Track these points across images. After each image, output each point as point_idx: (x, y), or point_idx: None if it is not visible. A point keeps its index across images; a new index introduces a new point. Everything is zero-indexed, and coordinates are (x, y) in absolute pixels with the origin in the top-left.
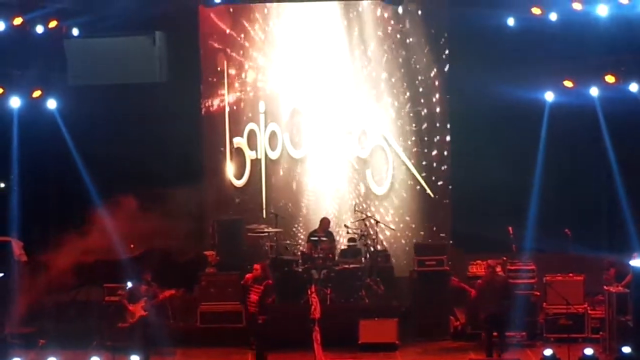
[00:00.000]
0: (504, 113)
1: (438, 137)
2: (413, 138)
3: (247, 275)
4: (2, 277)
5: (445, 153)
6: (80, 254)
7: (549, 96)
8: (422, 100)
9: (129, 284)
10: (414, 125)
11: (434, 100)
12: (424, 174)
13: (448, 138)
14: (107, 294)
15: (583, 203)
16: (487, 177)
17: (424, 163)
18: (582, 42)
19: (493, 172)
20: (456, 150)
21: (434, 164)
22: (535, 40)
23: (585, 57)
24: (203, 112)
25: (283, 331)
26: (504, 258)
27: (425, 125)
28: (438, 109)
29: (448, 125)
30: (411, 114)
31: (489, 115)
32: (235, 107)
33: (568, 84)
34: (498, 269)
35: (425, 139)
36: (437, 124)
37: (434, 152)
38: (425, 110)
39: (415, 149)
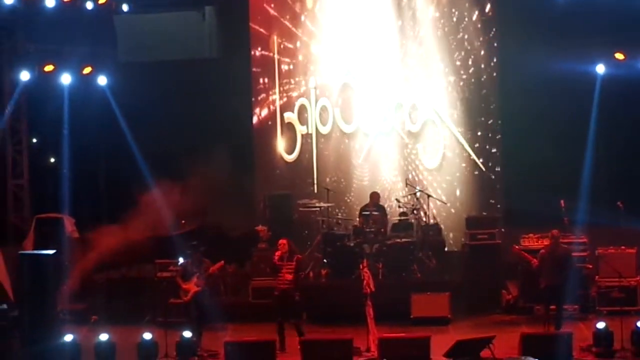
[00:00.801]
0: (554, 86)
1: (489, 111)
2: (464, 112)
3: (277, 253)
4: (55, 253)
5: (497, 127)
6: (132, 231)
7: (600, 69)
8: (472, 75)
9: (181, 260)
10: (464, 99)
11: (484, 75)
12: (475, 146)
13: (499, 112)
14: (159, 270)
15: (635, 176)
16: (539, 150)
17: (475, 136)
18: (633, 13)
19: (544, 145)
20: (507, 124)
21: (486, 138)
22: (586, 12)
23: (636, 28)
24: (253, 88)
25: (336, 306)
26: (557, 231)
27: (476, 100)
28: (489, 84)
29: (499, 99)
30: (462, 89)
31: (540, 88)
32: (285, 82)
33: (619, 56)
34: (561, 239)
35: (476, 112)
36: (489, 99)
37: (486, 126)
38: (475, 85)
39: (466, 123)
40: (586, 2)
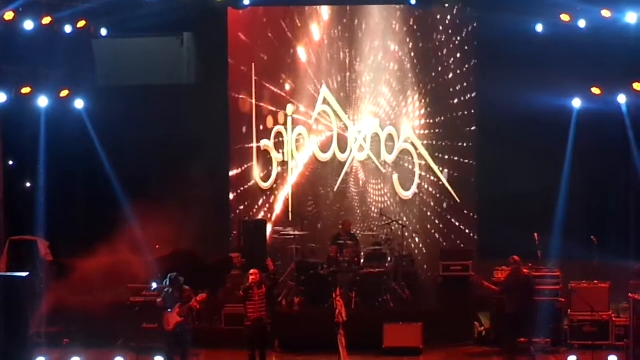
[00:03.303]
0: (531, 119)
1: (465, 142)
2: (440, 142)
3: (251, 281)
4: (28, 276)
5: (472, 158)
6: (106, 255)
7: (577, 103)
8: (449, 105)
9: (154, 285)
10: (440, 129)
11: (460, 105)
12: (450, 175)
13: (474, 143)
14: (132, 294)
15: (609, 210)
16: (514, 182)
17: (450, 167)
18: (610, 49)
19: (519, 178)
20: (482, 156)
21: (460, 169)
22: (564, 46)
23: (613, 64)
24: (230, 114)
25: (308, 334)
26: (530, 264)
27: (452, 130)
28: (465, 114)
29: (476, 130)
30: (438, 119)
31: (516, 121)
32: (262, 109)
33: (596, 90)
34: (522, 266)
35: (452, 143)
36: (464, 129)
37: (461, 157)
38: (452, 115)
39: (442, 154)
40: (564, 36)
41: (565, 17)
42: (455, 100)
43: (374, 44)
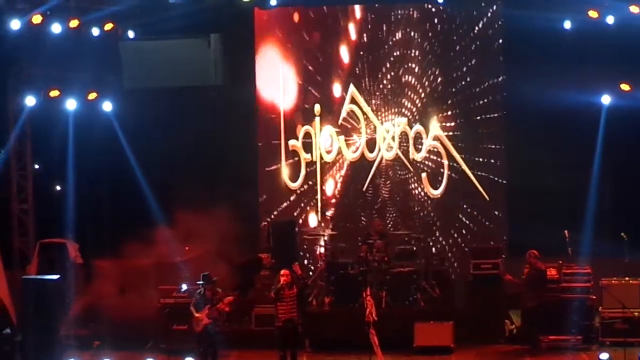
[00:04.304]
0: (560, 116)
1: (494, 140)
2: (469, 141)
3: (282, 282)
4: (58, 278)
5: (502, 156)
6: (135, 257)
7: (606, 99)
8: (478, 103)
9: (184, 287)
10: (469, 128)
11: (490, 103)
12: (479, 174)
13: (504, 141)
14: (162, 296)
15: None
16: (544, 180)
17: (479, 166)
18: (639, 45)
19: (549, 176)
20: (512, 153)
21: (490, 167)
22: (592, 43)
23: None
24: (258, 115)
25: (339, 334)
26: (560, 262)
27: (481, 128)
28: (494, 113)
29: (504, 128)
30: (467, 117)
31: (545, 118)
32: (290, 109)
33: (625, 87)
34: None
35: (481, 142)
36: (493, 127)
37: (490, 155)
38: (481, 114)
39: (470, 152)
40: (593, 33)
41: (593, 14)
42: (484, 99)
43: (401, 42)
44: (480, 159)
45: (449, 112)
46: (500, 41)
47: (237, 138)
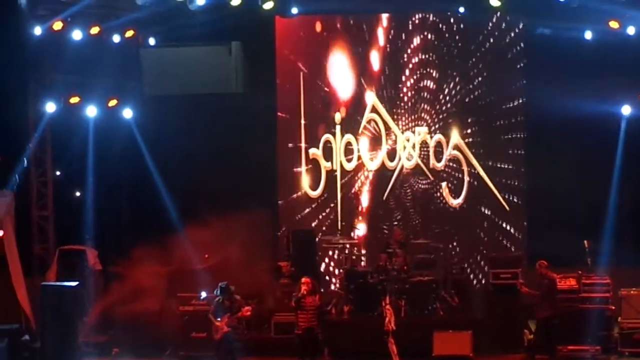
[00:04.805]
0: (580, 126)
1: (514, 149)
2: (488, 150)
3: (303, 290)
4: (77, 285)
5: (521, 165)
6: (154, 264)
7: (626, 110)
8: (497, 112)
9: (203, 294)
10: (489, 137)
11: (509, 112)
12: (499, 183)
13: (524, 150)
14: (181, 304)
15: None
16: (563, 190)
17: (499, 175)
18: None
19: (569, 185)
20: (532, 163)
21: (510, 176)
22: (612, 53)
23: None
24: (278, 122)
25: (358, 342)
26: (579, 272)
27: (500, 137)
28: (514, 121)
29: (523, 137)
30: (487, 126)
31: (565, 128)
32: (311, 117)
33: None
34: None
35: (501, 150)
36: (513, 136)
37: (510, 164)
38: (501, 122)
39: (490, 161)
40: (613, 43)
41: (614, 24)
42: (504, 107)
43: (421, 51)
44: (501, 167)
45: (469, 120)
46: (521, 48)
47: (257, 146)
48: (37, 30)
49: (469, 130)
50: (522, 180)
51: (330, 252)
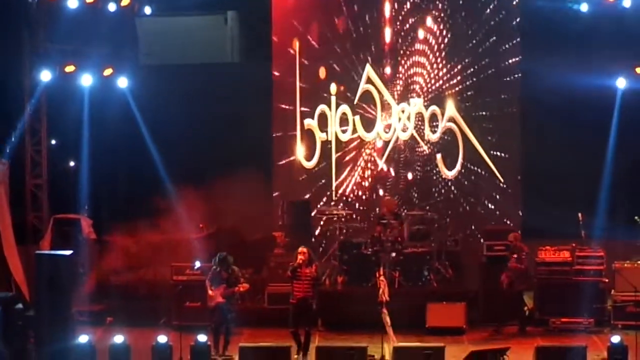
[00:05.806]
0: (575, 99)
1: (508, 122)
2: (483, 123)
3: (299, 260)
4: (71, 254)
5: (516, 139)
6: (149, 233)
7: (621, 83)
8: (492, 86)
9: (197, 264)
10: (484, 109)
11: (504, 85)
12: (494, 154)
13: (519, 124)
14: (175, 273)
15: None
16: (557, 163)
17: (494, 148)
18: None
19: (563, 158)
20: (527, 136)
21: (505, 149)
22: (608, 26)
23: None
24: (274, 92)
25: (351, 313)
26: (573, 244)
27: (495, 110)
28: (508, 95)
29: (518, 110)
30: (482, 99)
31: (560, 101)
32: (306, 88)
33: None
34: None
35: (496, 123)
36: (508, 109)
37: (505, 138)
38: (495, 95)
39: (485, 133)
40: (609, 16)
41: None
42: (499, 81)
43: (417, 22)
44: (496, 141)
45: (465, 94)
46: (517, 21)
47: (252, 115)
48: None
49: (464, 103)
50: (516, 153)
51: (324, 224)
